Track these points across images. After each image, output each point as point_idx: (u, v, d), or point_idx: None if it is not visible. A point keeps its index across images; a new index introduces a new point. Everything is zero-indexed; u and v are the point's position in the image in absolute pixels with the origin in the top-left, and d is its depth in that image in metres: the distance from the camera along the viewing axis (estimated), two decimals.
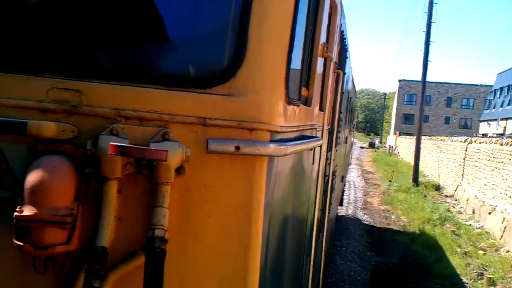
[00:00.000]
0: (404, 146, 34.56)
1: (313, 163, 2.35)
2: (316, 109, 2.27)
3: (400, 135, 40.78)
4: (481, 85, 54.55)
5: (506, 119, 32.20)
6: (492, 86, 53.09)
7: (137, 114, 1.36)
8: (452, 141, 16.89)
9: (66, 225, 1.21)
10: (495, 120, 33.65)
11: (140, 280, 1.22)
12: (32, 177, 1.19)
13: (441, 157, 18.40)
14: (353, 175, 19.37)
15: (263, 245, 1.44)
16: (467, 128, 53.53)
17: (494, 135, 31.87)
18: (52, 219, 1.19)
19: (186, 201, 1.39)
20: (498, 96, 37.63)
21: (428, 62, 19.25)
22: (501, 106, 34.86)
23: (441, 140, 19.01)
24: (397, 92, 58.86)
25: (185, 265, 1.40)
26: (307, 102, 2.02)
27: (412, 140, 27.84)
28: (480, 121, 39.54)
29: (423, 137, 23.08)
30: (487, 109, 39.29)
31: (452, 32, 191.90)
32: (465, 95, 54.93)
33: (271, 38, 1.41)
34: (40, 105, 1.31)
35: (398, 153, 35.96)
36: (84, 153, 1.29)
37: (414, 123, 57.23)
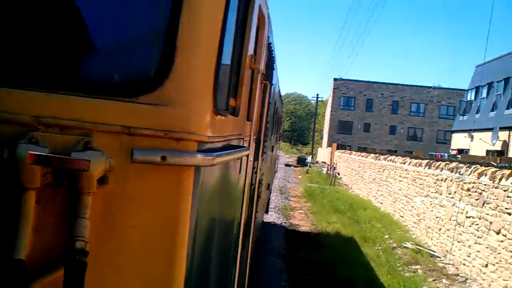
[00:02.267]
0: (347, 166, 32.59)
1: (239, 173, 3.05)
2: (244, 119, 2.93)
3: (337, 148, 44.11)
4: (434, 87, 62.38)
5: (510, 128, 26.54)
6: (446, 88, 60.32)
7: (58, 122, 1.75)
8: (436, 168, 14.05)
9: None
10: (486, 129, 28.65)
11: None
12: None
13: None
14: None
15: (188, 255, 1.91)
16: (417, 139, 61.98)
17: (488, 153, 28.07)
18: None
19: (109, 211, 1.83)
20: (483, 96, 33.03)
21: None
22: (493, 110, 30.66)
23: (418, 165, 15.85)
24: (331, 94, 64.59)
25: (108, 278, 1.81)
26: (235, 112, 2.65)
27: (357, 157, 28.71)
28: (454, 132, 36.58)
29: (366, 155, 25.44)
30: (463, 115, 36.05)
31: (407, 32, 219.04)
32: (414, 99, 62.24)
33: (199, 49, 1.95)
34: None
35: (340, 177, 33.18)
36: (1, 162, 1.63)
37: (353, 133, 63.82)
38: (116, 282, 1.84)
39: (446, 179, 12.96)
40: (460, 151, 32.83)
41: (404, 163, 17.27)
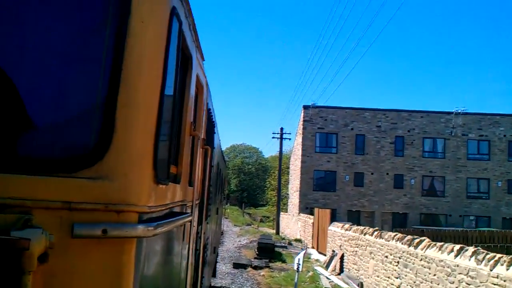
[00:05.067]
0: (366, 262, 24.75)
1: (183, 239, 4.34)
2: (186, 185, 4.29)
3: (312, 213, 41.62)
4: (457, 112, 60.92)
5: None
6: (474, 114, 60.87)
7: None
8: None
9: None
10: None
11: None
12: None
13: None
14: None
15: None
16: (436, 195, 62.63)
17: None
18: None
19: None
20: None
21: None
22: None
23: None
24: (300, 131, 64.88)
25: None
26: (176, 179, 3.93)
27: (391, 243, 20.98)
28: None
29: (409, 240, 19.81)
30: None
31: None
32: (428, 132, 62.75)
33: (138, 121, 3.10)
34: None
35: None
36: None
37: (339, 189, 62.18)
38: None
39: None
40: None
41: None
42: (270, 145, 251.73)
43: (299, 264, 19.64)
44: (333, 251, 31.43)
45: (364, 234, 26.15)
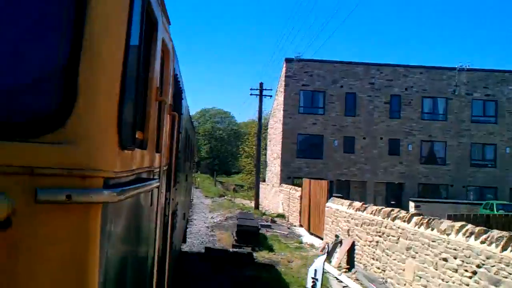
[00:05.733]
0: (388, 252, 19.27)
1: (151, 205, 4.78)
2: (153, 151, 4.73)
3: (295, 183, 39.06)
4: (460, 68, 58.23)
5: None
6: (481, 70, 55.93)
7: None
8: None
9: None
10: None
11: None
12: None
13: None
14: None
15: None
16: (436, 162, 59.17)
17: None
18: None
19: (14, 256, 2.99)
20: None
21: None
22: None
23: None
24: (281, 89, 60.86)
25: None
26: (142, 145, 4.26)
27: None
28: None
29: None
30: None
31: None
32: (427, 90, 58.94)
33: (102, 85, 3.28)
34: None
35: None
36: None
37: (326, 156, 57.39)
38: None
39: None
40: None
41: None
42: (245, 107, 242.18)
43: (316, 279, 11.45)
44: (337, 236, 25.41)
45: (393, 219, 18.95)
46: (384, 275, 18.69)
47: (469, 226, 13.72)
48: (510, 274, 11.23)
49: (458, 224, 14.10)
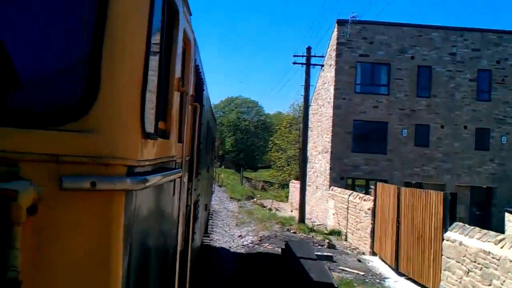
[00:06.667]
0: None
1: (173, 194, 4.91)
2: (175, 141, 4.87)
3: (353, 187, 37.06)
4: None
5: None
6: None
7: None
8: None
9: None
10: None
11: None
12: None
13: None
14: None
15: (123, 282, 3.39)
16: None
17: None
18: None
19: (40, 241, 3.27)
20: None
21: None
22: None
23: None
24: (333, 62, 49.50)
25: None
26: (164, 135, 4.43)
27: None
28: None
29: None
30: None
31: None
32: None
33: (124, 75, 3.49)
34: None
35: None
36: None
37: (390, 149, 47.76)
38: None
39: None
40: None
41: None
42: (272, 96, 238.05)
43: None
44: None
45: None
46: None
47: None
48: None
49: None
